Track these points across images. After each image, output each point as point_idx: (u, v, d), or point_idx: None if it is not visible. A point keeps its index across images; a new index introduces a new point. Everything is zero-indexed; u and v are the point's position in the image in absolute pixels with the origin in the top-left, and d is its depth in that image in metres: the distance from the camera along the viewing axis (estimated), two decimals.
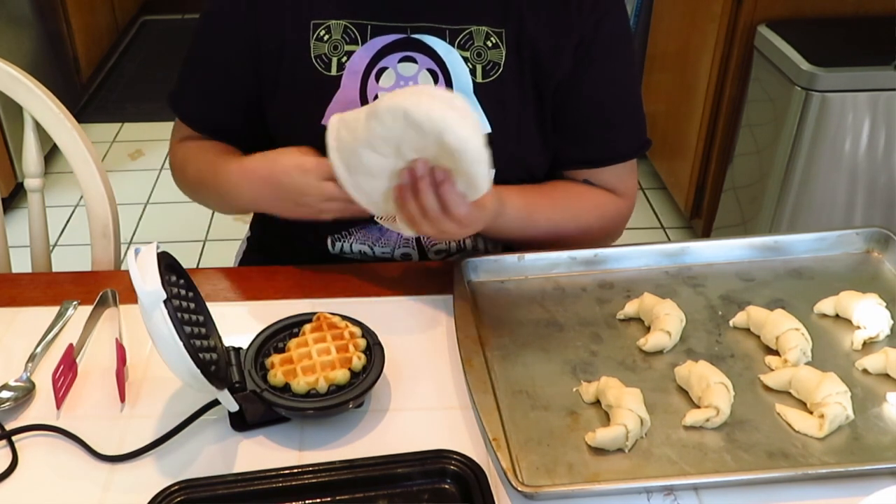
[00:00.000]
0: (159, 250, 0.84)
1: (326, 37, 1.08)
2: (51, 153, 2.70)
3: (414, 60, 1.09)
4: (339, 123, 0.98)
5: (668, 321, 0.99)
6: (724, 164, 2.52)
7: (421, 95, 0.92)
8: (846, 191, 2.22)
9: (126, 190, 2.94)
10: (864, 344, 0.99)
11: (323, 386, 0.88)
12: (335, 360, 0.90)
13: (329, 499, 0.83)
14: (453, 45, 1.08)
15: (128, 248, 0.89)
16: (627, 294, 1.08)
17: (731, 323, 1.03)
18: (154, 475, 0.85)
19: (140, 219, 2.92)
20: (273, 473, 0.83)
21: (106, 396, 0.94)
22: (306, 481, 0.82)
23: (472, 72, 1.09)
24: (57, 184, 2.93)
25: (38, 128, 1.29)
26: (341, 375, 0.89)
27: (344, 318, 0.96)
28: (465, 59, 1.09)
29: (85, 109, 3.62)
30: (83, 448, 0.87)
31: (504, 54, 1.09)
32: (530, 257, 1.12)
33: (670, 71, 2.76)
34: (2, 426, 0.90)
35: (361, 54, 1.09)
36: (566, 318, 1.05)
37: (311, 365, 0.89)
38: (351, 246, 1.19)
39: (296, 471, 0.83)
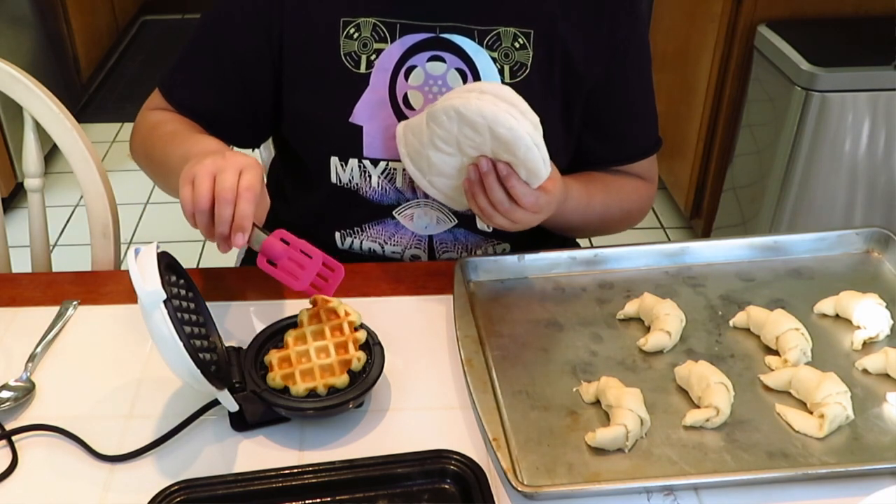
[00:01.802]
0: (159, 250, 0.84)
1: (356, 34, 1.09)
2: (51, 153, 2.70)
3: (442, 60, 1.09)
4: (405, 129, 1.04)
5: (668, 321, 0.99)
6: (724, 164, 2.51)
7: (470, 93, 0.96)
8: (846, 191, 2.22)
9: (126, 190, 2.91)
10: (864, 344, 0.99)
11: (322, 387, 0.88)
12: (334, 364, 0.90)
13: (329, 499, 0.83)
14: (481, 46, 1.09)
15: (128, 248, 0.89)
16: (627, 294, 1.08)
17: (731, 323, 1.03)
18: (154, 475, 0.85)
19: (140, 219, 2.92)
20: (273, 473, 0.83)
21: (106, 396, 0.94)
22: (306, 481, 0.82)
23: (500, 72, 1.10)
24: (57, 184, 2.93)
25: (38, 128, 1.29)
26: (341, 382, 0.88)
27: (342, 303, 0.95)
28: (493, 60, 1.09)
29: (85, 109, 3.62)
30: (83, 448, 0.87)
31: (531, 55, 1.10)
32: (530, 257, 1.12)
33: (670, 71, 2.75)
34: (2, 426, 0.90)
35: (391, 52, 1.09)
36: (566, 318, 1.05)
37: (309, 369, 0.89)
38: (361, 243, 1.19)
39: (296, 471, 0.83)
